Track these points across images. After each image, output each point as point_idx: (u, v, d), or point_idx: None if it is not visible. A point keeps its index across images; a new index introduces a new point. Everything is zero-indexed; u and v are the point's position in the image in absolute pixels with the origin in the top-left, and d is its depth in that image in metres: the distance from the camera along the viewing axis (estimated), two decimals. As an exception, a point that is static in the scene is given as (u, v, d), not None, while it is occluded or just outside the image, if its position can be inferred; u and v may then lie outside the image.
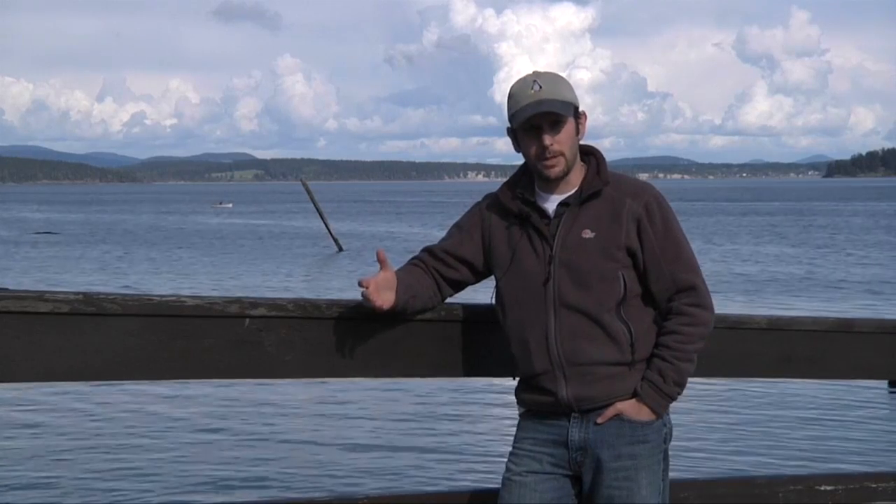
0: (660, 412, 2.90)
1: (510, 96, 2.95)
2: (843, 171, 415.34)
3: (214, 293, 6.87)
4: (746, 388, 11.43)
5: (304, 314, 2.93)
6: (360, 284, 2.87)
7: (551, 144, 2.88)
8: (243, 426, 10.25)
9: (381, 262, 2.92)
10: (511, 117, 2.94)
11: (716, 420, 10.30)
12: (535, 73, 2.94)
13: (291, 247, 40.35)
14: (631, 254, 2.89)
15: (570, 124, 2.91)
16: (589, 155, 3.00)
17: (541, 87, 2.88)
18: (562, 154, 2.89)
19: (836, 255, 34.01)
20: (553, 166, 2.90)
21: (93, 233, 51.81)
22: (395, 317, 2.96)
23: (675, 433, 3.00)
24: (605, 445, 2.89)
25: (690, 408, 9.94)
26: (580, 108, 2.93)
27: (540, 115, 2.86)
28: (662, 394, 2.89)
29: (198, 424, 10.29)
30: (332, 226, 39.41)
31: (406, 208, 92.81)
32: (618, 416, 2.88)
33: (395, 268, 2.98)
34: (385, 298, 2.87)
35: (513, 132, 2.98)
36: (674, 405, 2.95)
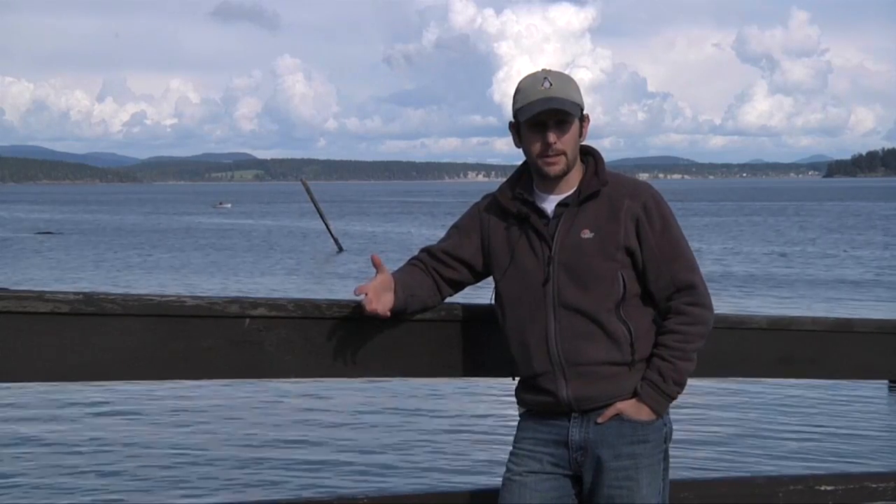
0: (660, 412, 2.90)
1: (518, 91, 2.93)
2: (843, 171, 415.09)
3: (214, 293, 6.86)
4: (746, 388, 11.42)
5: (304, 314, 2.93)
6: (356, 293, 2.87)
7: (555, 142, 2.88)
8: (243, 426, 10.25)
9: (376, 266, 2.93)
10: (517, 112, 2.92)
11: (716, 420, 10.30)
12: (546, 71, 2.93)
13: (291, 247, 40.34)
14: (630, 253, 2.88)
15: (575, 125, 2.91)
16: (587, 155, 2.99)
17: (551, 84, 2.87)
18: (563, 153, 2.89)
19: (836, 254, 34.01)
20: (554, 164, 2.90)
21: (93, 233, 51.79)
22: (395, 317, 2.96)
23: (675, 433, 3.00)
24: (605, 445, 2.88)
25: (691, 408, 9.94)
26: (584, 111, 2.94)
27: (548, 111, 2.86)
28: (662, 393, 2.88)
29: (195, 424, 10.29)
30: (331, 226, 39.41)
31: (406, 208, 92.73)
32: (618, 416, 2.88)
33: (391, 269, 2.98)
34: (384, 302, 2.88)
35: (516, 127, 2.97)
36: (674, 405, 2.95)
